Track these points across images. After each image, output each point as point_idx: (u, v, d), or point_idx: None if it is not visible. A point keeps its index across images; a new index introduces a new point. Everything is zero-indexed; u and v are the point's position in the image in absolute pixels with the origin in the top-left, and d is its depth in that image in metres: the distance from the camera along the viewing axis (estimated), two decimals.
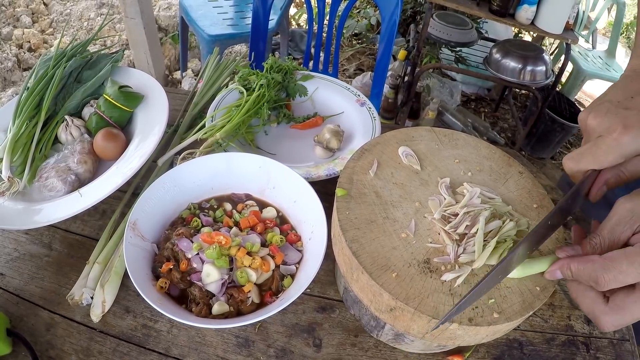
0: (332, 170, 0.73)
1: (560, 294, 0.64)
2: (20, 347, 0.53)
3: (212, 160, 0.67)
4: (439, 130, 0.62)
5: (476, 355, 0.57)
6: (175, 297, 0.56)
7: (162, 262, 0.57)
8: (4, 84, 2.34)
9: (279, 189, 0.66)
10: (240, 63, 0.97)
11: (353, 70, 2.72)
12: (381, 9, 1.32)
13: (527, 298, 0.44)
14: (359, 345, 0.57)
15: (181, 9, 2.09)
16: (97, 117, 0.76)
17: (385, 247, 0.47)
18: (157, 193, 0.62)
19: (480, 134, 2.29)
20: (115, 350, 0.55)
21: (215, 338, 0.56)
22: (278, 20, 2.03)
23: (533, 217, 0.52)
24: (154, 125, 0.73)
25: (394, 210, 0.50)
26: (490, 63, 1.84)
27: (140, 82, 0.82)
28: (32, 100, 0.74)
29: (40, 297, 0.60)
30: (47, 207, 0.65)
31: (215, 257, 0.55)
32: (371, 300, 0.46)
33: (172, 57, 2.63)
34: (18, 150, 0.70)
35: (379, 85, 1.41)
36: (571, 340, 0.59)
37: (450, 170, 0.56)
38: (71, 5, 2.92)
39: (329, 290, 0.62)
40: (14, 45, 2.57)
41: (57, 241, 0.66)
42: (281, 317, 0.59)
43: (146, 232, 0.60)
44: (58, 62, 0.80)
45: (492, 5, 1.65)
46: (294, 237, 0.62)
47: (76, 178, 0.69)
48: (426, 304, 0.42)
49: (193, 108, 0.87)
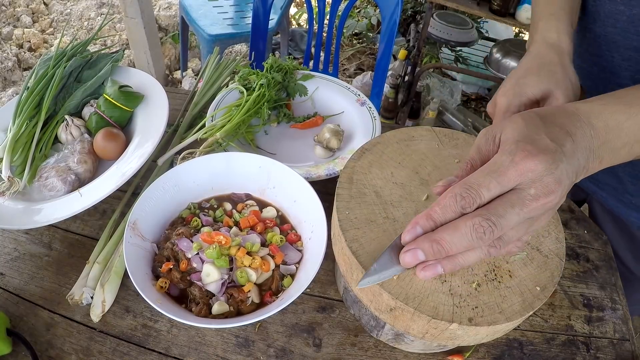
0: (332, 170, 0.73)
1: (561, 294, 0.64)
2: (20, 346, 0.54)
3: (212, 160, 0.67)
4: (439, 129, 0.61)
5: (476, 355, 0.57)
6: (175, 297, 0.56)
7: (162, 262, 0.57)
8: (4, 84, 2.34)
9: (279, 189, 0.66)
10: (241, 63, 0.97)
11: (353, 70, 2.72)
12: (381, 8, 1.32)
13: (527, 298, 0.44)
14: (359, 345, 0.57)
15: (181, 8, 2.09)
16: (97, 116, 0.76)
17: (385, 247, 0.47)
18: (157, 193, 0.62)
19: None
20: (115, 350, 0.55)
21: (215, 338, 0.56)
22: (278, 19, 2.03)
23: None
24: (154, 125, 0.73)
25: (394, 210, 0.50)
26: (490, 63, 1.84)
27: (140, 81, 0.82)
28: (32, 100, 0.74)
29: (40, 296, 0.60)
30: (47, 207, 0.65)
31: (215, 257, 0.55)
32: (371, 300, 0.46)
33: (172, 56, 2.63)
34: (18, 150, 0.70)
35: (379, 85, 1.41)
36: (571, 340, 0.59)
37: (450, 170, 0.56)
38: (71, 5, 2.92)
39: (329, 290, 0.62)
40: (14, 45, 2.57)
41: (57, 241, 0.66)
42: (281, 317, 0.59)
43: (146, 232, 0.60)
44: (58, 61, 0.80)
45: (493, 4, 1.64)
46: (294, 237, 0.61)
47: (76, 178, 0.69)
48: (426, 304, 0.42)
49: (193, 108, 0.87)
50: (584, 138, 0.38)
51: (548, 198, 0.35)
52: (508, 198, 0.35)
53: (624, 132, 0.39)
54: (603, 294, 0.65)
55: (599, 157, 0.40)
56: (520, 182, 0.35)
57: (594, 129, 0.39)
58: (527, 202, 0.35)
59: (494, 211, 0.35)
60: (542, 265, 0.47)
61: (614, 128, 0.39)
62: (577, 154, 0.37)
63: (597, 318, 0.62)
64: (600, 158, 0.40)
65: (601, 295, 0.65)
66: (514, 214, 0.35)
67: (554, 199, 0.35)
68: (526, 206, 0.35)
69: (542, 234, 0.50)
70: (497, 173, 0.35)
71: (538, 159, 0.34)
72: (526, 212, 0.35)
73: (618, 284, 0.67)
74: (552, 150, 0.35)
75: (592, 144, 0.39)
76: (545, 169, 0.34)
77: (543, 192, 0.35)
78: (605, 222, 0.80)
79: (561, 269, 0.47)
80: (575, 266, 0.68)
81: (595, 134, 0.39)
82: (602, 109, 0.40)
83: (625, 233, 0.77)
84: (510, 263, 0.46)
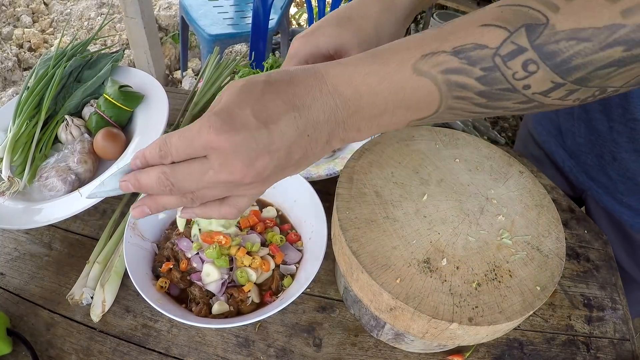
0: (333, 169, 0.73)
1: (561, 294, 0.64)
2: (20, 346, 0.53)
3: None
4: (439, 129, 0.61)
5: (476, 354, 0.57)
6: (175, 297, 0.56)
7: (162, 262, 0.57)
8: (4, 84, 2.35)
9: (279, 188, 0.66)
10: (241, 63, 0.96)
11: None
12: None
13: (528, 298, 0.44)
14: (359, 344, 0.57)
15: (181, 8, 2.09)
16: (97, 116, 0.76)
17: (385, 247, 0.47)
18: None
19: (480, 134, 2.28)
20: (115, 349, 0.55)
21: (215, 338, 0.56)
22: (278, 19, 2.03)
23: (533, 217, 0.52)
24: (154, 125, 0.73)
25: (394, 209, 0.50)
26: None
27: (140, 81, 0.82)
28: (32, 100, 0.74)
29: (40, 296, 0.60)
30: (47, 207, 0.65)
31: (215, 256, 0.55)
32: (371, 300, 0.46)
33: (172, 56, 2.63)
34: (18, 149, 0.70)
35: None
36: (571, 340, 0.59)
37: (450, 169, 0.56)
38: (71, 4, 2.92)
39: (329, 290, 0.62)
40: (14, 44, 2.57)
41: (57, 241, 0.66)
42: (281, 316, 0.59)
43: (146, 232, 0.60)
44: (58, 61, 0.80)
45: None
46: (294, 237, 0.61)
47: (76, 178, 0.69)
48: (426, 304, 0.42)
49: (193, 107, 0.87)
50: (322, 111, 0.35)
51: (232, 177, 0.34)
52: (194, 163, 0.35)
53: (379, 97, 0.34)
54: (603, 294, 0.65)
55: (354, 127, 0.36)
56: (207, 153, 0.34)
57: (340, 98, 0.35)
58: (208, 174, 0.35)
59: (176, 171, 0.36)
60: (542, 265, 0.47)
61: (365, 94, 0.34)
62: (306, 129, 0.35)
63: (597, 318, 0.62)
64: (357, 128, 0.36)
65: (601, 295, 0.65)
66: (192, 179, 0.35)
67: (241, 179, 0.34)
68: (206, 176, 0.35)
69: (543, 234, 0.50)
70: (186, 137, 0.35)
71: (224, 137, 0.33)
72: (206, 181, 0.35)
73: (618, 284, 0.67)
74: (248, 129, 0.33)
75: (338, 115, 0.35)
76: (231, 148, 0.33)
77: (226, 170, 0.34)
78: (599, 219, 0.80)
79: (561, 268, 0.47)
80: (575, 266, 0.68)
81: (342, 103, 0.35)
82: (353, 72, 0.35)
83: (619, 231, 0.77)
84: (510, 263, 0.46)
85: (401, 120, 0.36)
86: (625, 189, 0.71)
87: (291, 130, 0.34)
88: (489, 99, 0.33)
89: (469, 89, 0.32)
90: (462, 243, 0.48)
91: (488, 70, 0.31)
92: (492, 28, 0.31)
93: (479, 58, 0.31)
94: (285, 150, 0.35)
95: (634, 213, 0.72)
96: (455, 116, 0.35)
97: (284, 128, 0.34)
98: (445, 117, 0.36)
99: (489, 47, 0.30)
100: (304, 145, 0.36)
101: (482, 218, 0.50)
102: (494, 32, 0.30)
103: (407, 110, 0.35)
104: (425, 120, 0.36)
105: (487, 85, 0.32)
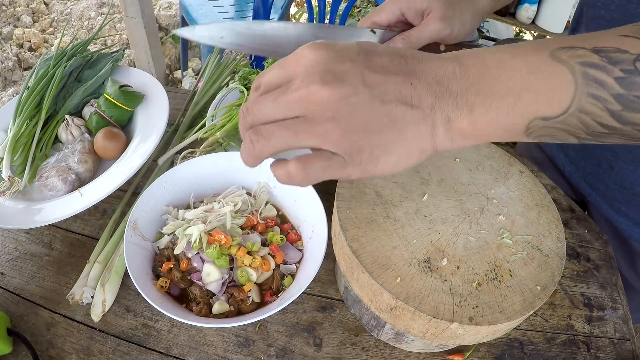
0: None
1: (561, 294, 0.64)
2: (20, 346, 0.54)
3: (213, 159, 0.67)
4: None
5: (477, 354, 0.57)
6: (176, 297, 0.56)
7: (162, 262, 0.57)
8: (4, 84, 2.35)
9: (279, 188, 0.66)
10: (241, 62, 0.96)
11: None
12: None
13: (528, 297, 0.44)
14: (360, 344, 0.57)
15: (181, 8, 2.09)
16: (97, 116, 0.76)
17: (385, 247, 0.47)
18: (157, 192, 0.62)
19: None
20: (115, 349, 0.55)
21: (216, 337, 0.56)
22: (278, 19, 2.03)
23: (533, 217, 0.52)
24: (154, 125, 0.73)
25: (395, 209, 0.50)
26: None
27: (140, 81, 0.82)
28: (33, 100, 0.74)
29: (40, 296, 0.60)
30: (48, 207, 0.65)
31: (216, 256, 0.55)
32: (371, 300, 0.46)
33: (172, 56, 2.63)
34: (18, 149, 0.70)
35: None
36: (572, 339, 0.59)
37: (450, 169, 0.56)
38: (72, 4, 2.92)
39: (329, 290, 0.62)
40: (14, 44, 2.57)
41: (57, 240, 0.66)
42: (281, 316, 0.59)
43: (146, 232, 0.60)
44: (58, 61, 0.80)
45: None
46: (295, 237, 0.61)
47: (76, 177, 0.69)
48: (426, 303, 0.42)
49: (193, 107, 0.87)
50: (435, 68, 0.31)
51: (310, 87, 0.30)
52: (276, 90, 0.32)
53: (508, 72, 0.31)
54: (603, 294, 0.65)
55: (467, 104, 0.31)
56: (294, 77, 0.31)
57: (461, 67, 0.31)
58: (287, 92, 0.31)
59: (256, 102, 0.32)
60: (542, 265, 0.47)
61: (493, 67, 0.31)
62: (409, 76, 0.31)
63: (597, 317, 0.62)
64: (470, 106, 0.31)
65: (602, 294, 0.65)
66: (268, 102, 0.31)
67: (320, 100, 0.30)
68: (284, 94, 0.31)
69: (543, 234, 0.50)
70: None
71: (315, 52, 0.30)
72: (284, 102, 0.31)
73: (619, 284, 0.67)
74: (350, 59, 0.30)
75: (452, 85, 0.31)
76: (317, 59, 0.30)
77: (308, 82, 0.30)
78: (600, 225, 0.80)
79: (562, 268, 0.47)
80: (575, 265, 0.68)
81: (461, 73, 0.31)
82: (483, 51, 0.32)
83: (619, 239, 0.77)
84: (510, 262, 0.46)
85: (525, 112, 0.31)
86: (623, 198, 0.71)
87: (389, 63, 0.30)
88: (623, 107, 0.30)
89: (607, 88, 0.30)
90: (462, 243, 0.48)
91: (629, 72, 0.30)
92: (633, 39, 0.31)
93: (620, 60, 0.30)
94: (375, 86, 0.30)
95: (632, 222, 0.72)
96: (580, 129, 0.31)
97: (380, 59, 0.30)
98: (571, 123, 0.31)
99: (630, 52, 0.30)
100: (399, 95, 0.30)
101: (483, 218, 0.50)
102: (635, 42, 0.30)
103: (536, 97, 0.31)
104: (550, 121, 0.31)
105: (626, 89, 0.30)
